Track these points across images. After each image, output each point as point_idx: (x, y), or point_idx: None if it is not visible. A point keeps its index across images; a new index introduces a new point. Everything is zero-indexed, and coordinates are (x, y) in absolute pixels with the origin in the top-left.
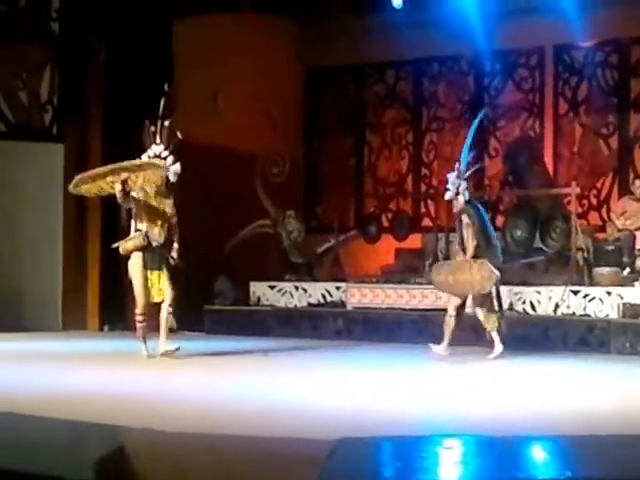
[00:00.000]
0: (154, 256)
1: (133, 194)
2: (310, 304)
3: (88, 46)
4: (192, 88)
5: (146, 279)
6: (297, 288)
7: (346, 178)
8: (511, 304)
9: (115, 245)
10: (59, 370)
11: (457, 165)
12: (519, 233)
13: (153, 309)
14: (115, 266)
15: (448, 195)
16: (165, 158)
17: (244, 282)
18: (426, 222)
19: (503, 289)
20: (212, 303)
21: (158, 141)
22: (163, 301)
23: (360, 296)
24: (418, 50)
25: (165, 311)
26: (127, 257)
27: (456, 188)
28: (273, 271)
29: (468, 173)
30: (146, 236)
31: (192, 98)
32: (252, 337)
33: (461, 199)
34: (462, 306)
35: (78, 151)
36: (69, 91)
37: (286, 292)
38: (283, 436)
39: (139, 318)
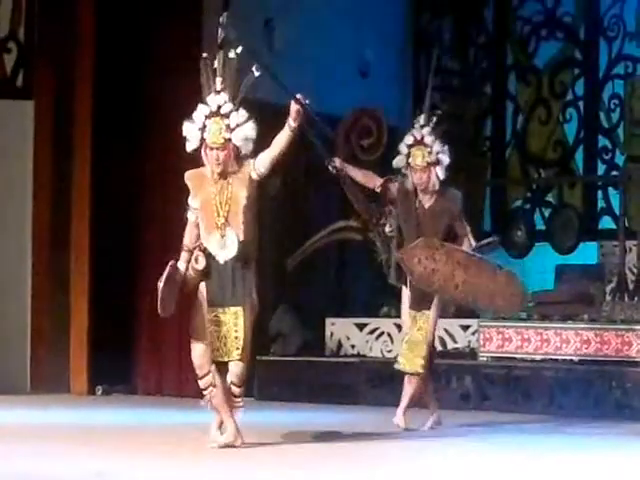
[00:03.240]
0: (223, 282)
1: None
2: None
3: None
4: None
5: (214, 324)
6: (400, 328)
7: (478, 154)
8: None
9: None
10: (18, 460)
11: (421, 118)
12: None
13: None
14: (116, 292)
15: (400, 161)
16: (228, 115)
17: (316, 317)
18: (607, 223)
19: None
20: (266, 351)
21: (219, 86)
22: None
23: (500, 341)
24: None
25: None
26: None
27: (434, 153)
28: (362, 301)
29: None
30: (203, 253)
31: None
32: (330, 406)
33: (440, 173)
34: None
35: (56, 111)
36: (43, 21)
37: (383, 334)
38: None
39: (203, 384)
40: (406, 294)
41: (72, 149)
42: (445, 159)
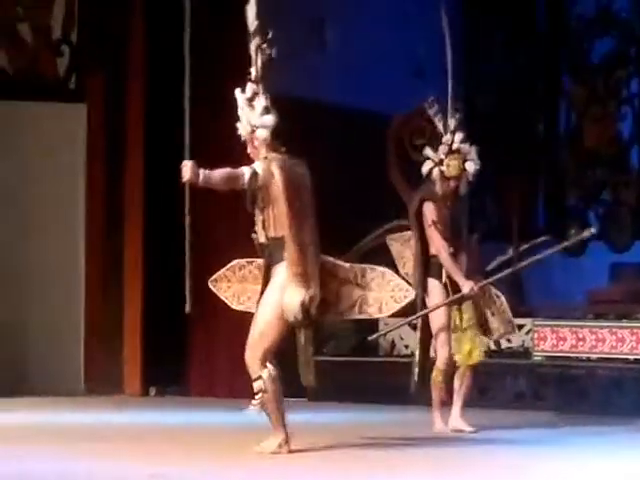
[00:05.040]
0: (267, 273)
1: None
2: None
3: None
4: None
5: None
6: None
7: (532, 152)
8: None
9: None
10: (72, 461)
11: (438, 106)
12: None
13: None
14: (169, 293)
15: (433, 170)
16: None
17: (369, 317)
18: None
19: None
20: (319, 351)
21: (254, 73)
22: None
23: (555, 340)
24: None
25: None
26: None
27: (468, 161)
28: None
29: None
30: None
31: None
32: (383, 407)
33: (472, 167)
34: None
35: (108, 113)
36: (95, 24)
37: None
38: None
39: (255, 388)
40: (437, 289)
41: (125, 150)
42: (477, 165)
